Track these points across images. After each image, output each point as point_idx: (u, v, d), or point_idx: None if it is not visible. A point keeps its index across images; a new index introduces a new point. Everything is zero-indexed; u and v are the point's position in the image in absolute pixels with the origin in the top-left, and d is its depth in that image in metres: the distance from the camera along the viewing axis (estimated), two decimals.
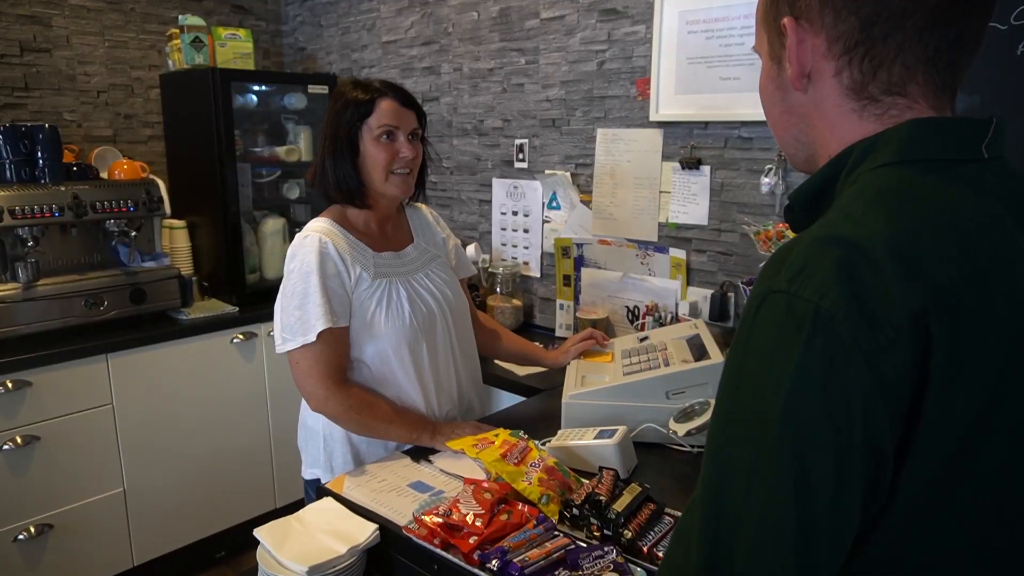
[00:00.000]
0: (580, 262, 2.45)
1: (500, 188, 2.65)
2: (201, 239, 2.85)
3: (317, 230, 1.49)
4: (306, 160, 2.95)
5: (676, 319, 2.17)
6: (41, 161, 2.41)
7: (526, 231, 2.60)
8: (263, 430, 2.73)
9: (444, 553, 1.11)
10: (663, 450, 1.46)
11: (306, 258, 1.46)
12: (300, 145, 3.00)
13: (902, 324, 0.53)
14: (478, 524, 1.11)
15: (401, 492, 1.32)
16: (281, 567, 1.15)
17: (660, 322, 2.19)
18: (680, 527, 0.61)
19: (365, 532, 1.20)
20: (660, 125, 2.15)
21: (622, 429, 1.37)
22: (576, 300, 2.48)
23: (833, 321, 0.53)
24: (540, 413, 1.71)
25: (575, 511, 1.16)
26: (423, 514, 1.16)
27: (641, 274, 2.29)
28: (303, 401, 1.56)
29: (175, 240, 2.80)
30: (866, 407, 0.53)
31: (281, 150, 2.96)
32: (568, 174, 2.42)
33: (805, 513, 0.53)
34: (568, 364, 1.75)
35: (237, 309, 2.68)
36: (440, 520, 1.13)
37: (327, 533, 1.20)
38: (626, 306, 2.33)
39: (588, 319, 2.32)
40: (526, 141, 2.53)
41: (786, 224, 0.78)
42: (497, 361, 2.07)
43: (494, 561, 1.03)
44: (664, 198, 2.19)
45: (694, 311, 2.12)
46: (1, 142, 2.35)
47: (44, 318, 2.30)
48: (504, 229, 2.66)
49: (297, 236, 1.52)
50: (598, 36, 2.27)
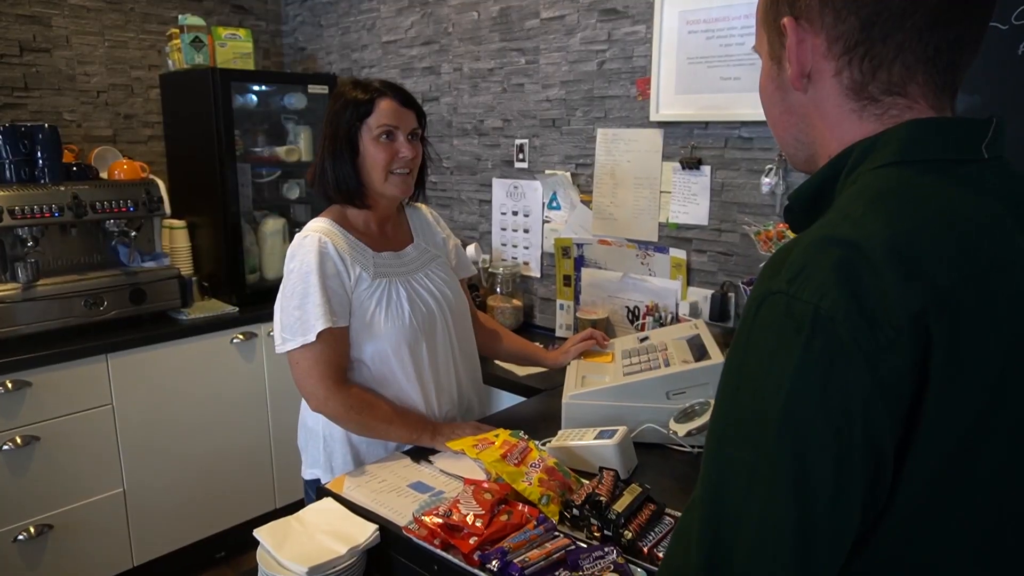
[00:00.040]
0: (580, 262, 2.45)
1: (500, 188, 2.65)
2: (201, 239, 2.85)
3: (317, 230, 1.49)
4: (306, 160, 2.95)
5: (676, 319, 2.17)
6: (41, 161, 2.41)
7: (526, 231, 2.59)
8: (263, 430, 2.73)
9: (444, 554, 1.11)
10: (663, 450, 1.46)
11: (306, 258, 1.46)
12: (300, 145, 3.00)
13: (902, 325, 0.53)
14: (478, 525, 1.11)
15: (401, 492, 1.32)
16: (281, 567, 1.15)
17: (660, 322, 2.19)
18: (679, 527, 0.61)
19: (365, 533, 1.20)
20: (660, 125, 2.15)
21: (622, 429, 1.37)
22: (576, 300, 2.47)
23: (832, 322, 0.53)
24: (540, 413, 1.71)
25: (575, 511, 1.16)
26: (423, 514, 1.16)
27: (641, 274, 2.29)
28: (303, 401, 1.56)
29: (175, 240, 2.80)
30: (866, 408, 0.53)
31: (281, 150, 2.96)
32: (568, 174, 2.42)
33: (805, 513, 0.53)
34: (568, 364, 1.75)
35: (237, 309, 2.68)
36: (440, 521, 1.13)
37: (327, 533, 1.20)
38: (626, 306, 2.33)
39: (588, 319, 2.32)
40: (526, 141, 2.53)
41: (786, 224, 0.78)
42: (497, 361, 2.07)
43: (494, 562, 1.03)
44: (664, 198, 2.18)
45: (694, 311, 2.12)
46: (1, 142, 2.35)
47: (44, 318, 2.29)
48: (504, 229, 2.66)
49: (297, 236, 1.52)
50: (598, 36, 2.27)
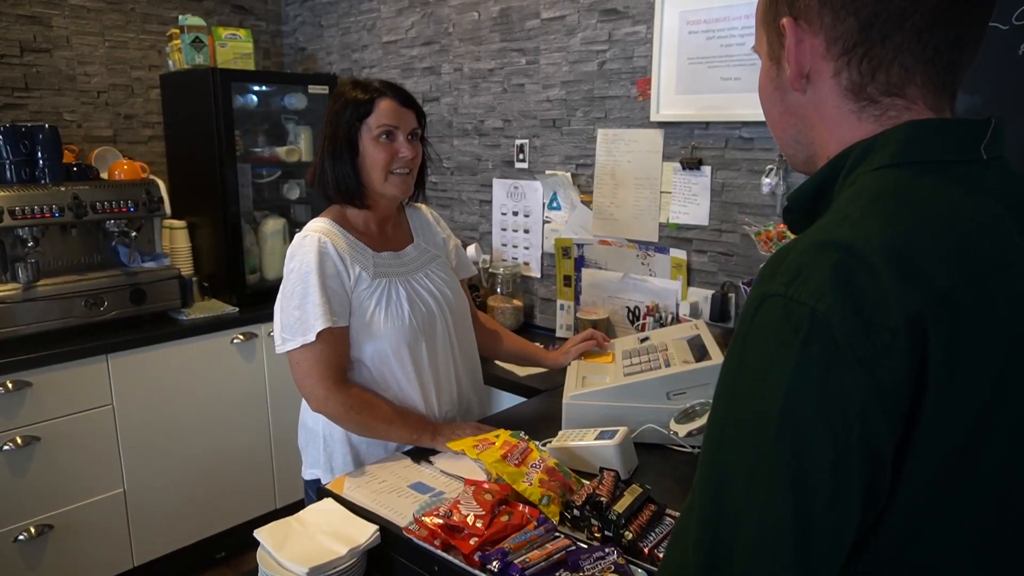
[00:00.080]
0: (580, 262, 2.44)
1: (500, 188, 2.64)
2: (201, 239, 2.85)
3: (316, 230, 1.49)
4: (306, 160, 2.95)
5: (677, 320, 2.17)
6: (41, 161, 2.41)
7: (526, 231, 2.59)
8: (263, 431, 2.73)
9: (445, 554, 1.10)
10: (664, 451, 1.46)
11: (305, 258, 1.46)
12: (300, 145, 3.00)
13: (899, 328, 0.53)
14: (479, 525, 1.11)
15: (401, 493, 1.32)
16: (281, 568, 1.15)
17: (661, 323, 2.19)
18: (677, 530, 0.61)
19: (365, 533, 1.20)
20: (661, 125, 2.15)
21: (623, 430, 1.37)
22: (576, 300, 2.47)
23: (829, 325, 0.53)
24: (541, 414, 1.71)
25: (576, 512, 1.16)
26: (423, 515, 1.16)
27: (642, 274, 2.29)
28: (303, 401, 1.56)
29: (175, 240, 2.80)
30: (863, 411, 0.53)
31: (281, 150, 2.96)
32: (568, 174, 2.42)
33: (803, 514, 0.53)
34: (568, 365, 1.75)
35: (237, 309, 2.68)
36: (441, 521, 1.13)
37: (327, 534, 1.20)
38: (627, 307, 2.33)
39: (588, 320, 2.32)
40: (526, 141, 2.53)
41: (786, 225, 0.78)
42: (497, 362, 2.07)
43: (495, 562, 1.03)
44: (665, 198, 2.18)
45: (695, 312, 2.12)
46: (1, 142, 2.35)
47: (44, 318, 2.29)
48: (504, 229, 2.66)
49: (296, 236, 1.52)
50: (599, 36, 2.27)
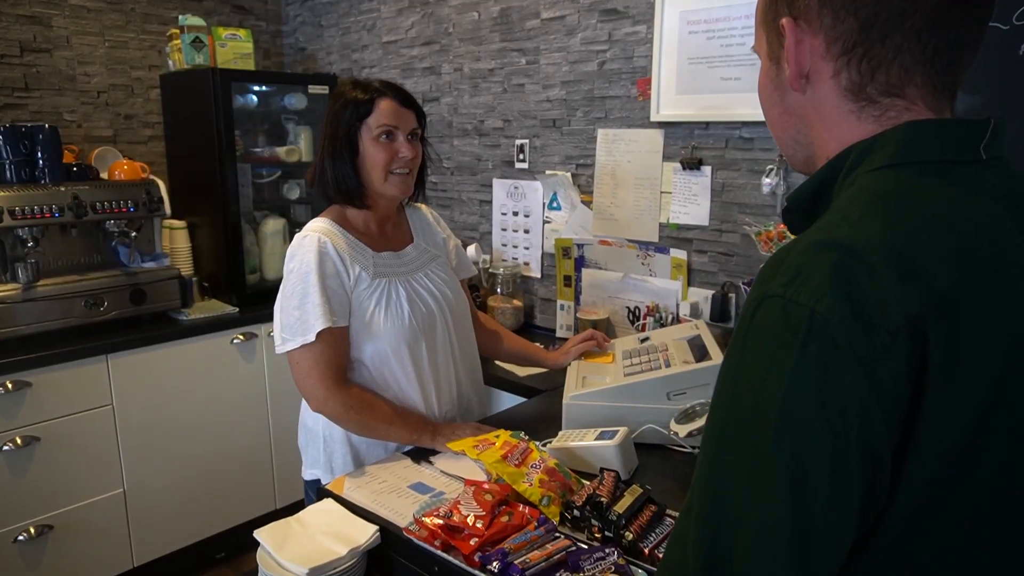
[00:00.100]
0: (581, 262, 2.44)
1: (500, 188, 2.64)
2: (201, 239, 2.85)
3: (316, 230, 1.49)
4: (306, 160, 2.95)
5: (677, 320, 2.17)
6: (41, 161, 2.41)
7: (527, 231, 2.59)
8: (263, 431, 2.73)
9: (445, 555, 1.10)
10: (664, 451, 1.46)
11: (305, 258, 1.45)
12: (300, 145, 3.00)
13: (898, 328, 0.53)
14: (479, 526, 1.10)
15: (401, 493, 1.31)
16: (281, 568, 1.15)
17: (661, 323, 2.19)
18: (676, 531, 0.61)
19: (365, 533, 1.19)
20: (661, 125, 2.15)
21: (623, 430, 1.37)
22: (577, 301, 2.47)
23: (828, 326, 0.53)
24: (541, 414, 1.71)
25: (576, 513, 1.16)
26: (424, 515, 1.16)
27: (642, 275, 2.29)
28: (303, 401, 1.56)
29: (175, 240, 2.80)
30: (862, 411, 0.53)
31: (281, 150, 2.96)
32: (569, 174, 2.42)
33: (803, 514, 0.53)
34: (569, 365, 1.74)
35: (237, 310, 2.68)
36: (441, 522, 1.13)
37: (327, 535, 1.20)
38: (627, 307, 2.33)
39: (589, 320, 2.32)
40: (527, 141, 2.53)
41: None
42: (498, 362, 2.07)
43: (495, 563, 1.03)
44: (665, 198, 2.18)
45: (695, 312, 2.11)
46: (1, 142, 2.34)
47: (44, 319, 2.29)
48: (504, 230, 2.66)
49: (296, 236, 1.51)
50: (599, 36, 2.27)
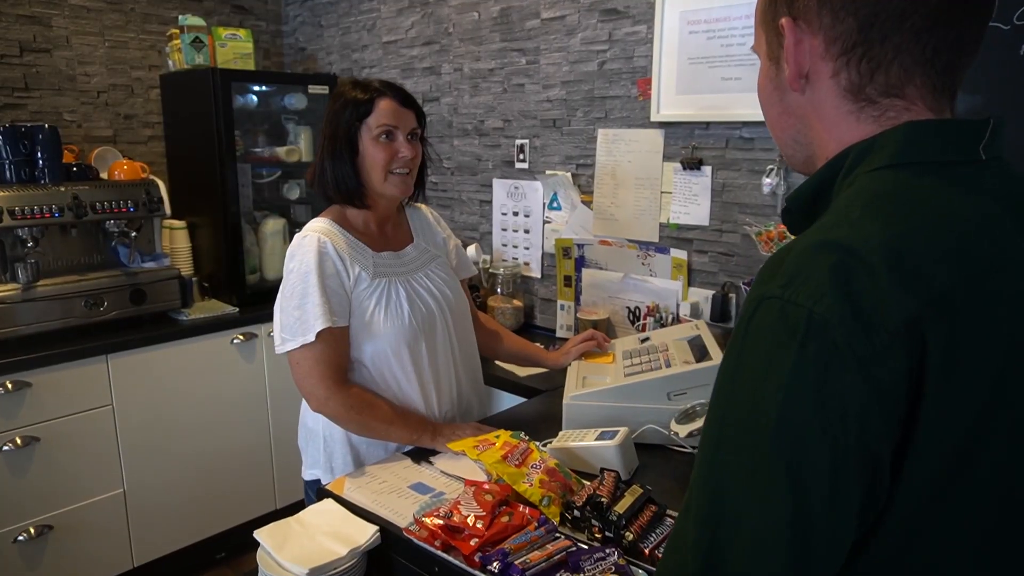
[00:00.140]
0: (581, 263, 2.44)
1: (501, 188, 2.64)
2: (201, 239, 2.85)
3: (316, 230, 1.49)
4: (306, 160, 2.95)
5: (677, 320, 2.16)
6: (41, 161, 2.41)
7: (527, 232, 2.59)
8: (263, 431, 2.73)
9: (445, 555, 1.10)
10: (665, 451, 1.46)
11: (305, 258, 1.45)
12: (300, 145, 3.00)
13: (897, 329, 0.52)
14: (479, 526, 1.10)
15: (402, 494, 1.31)
16: (281, 569, 1.15)
17: (661, 323, 2.18)
18: (675, 531, 0.61)
19: (366, 534, 1.19)
20: (661, 125, 2.15)
21: (623, 430, 1.37)
22: (577, 301, 2.47)
23: (827, 327, 0.52)
24: (541, 414, 1.71)
25: (576, 513, 1.16)
26: (424, 516, 1.16)
27: (642, 275, 2.29)
28: (303, 402, 1.55)
29: (175, 241, 2.80)
30: (861, 412, 0.52)
31: (281, 150, 2.95)
32: (569, 174, 2.42)
33: (801, 516, 0.53)
34: (569, 365, 1.74)
35: (237, 310, 2.68)
36: (441, 522, 1.13)
37: (327, 535, 1.20)
38: (627, 307, 2.33)
39: (589, 320, 2.32)
40: (527, 141, 2.53)
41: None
42: (498, 362, 2.07)
43: (495, 563, 1.03)
44: (665, 199, 2.18)
45: (695, 312, 2.11)
46: (1, 142, 2.34)
47: (44, 319, 2.29)
48: (505, 230, 2.66)
49: (296, 236, 1.51)
50: (599, 36, 2.27)
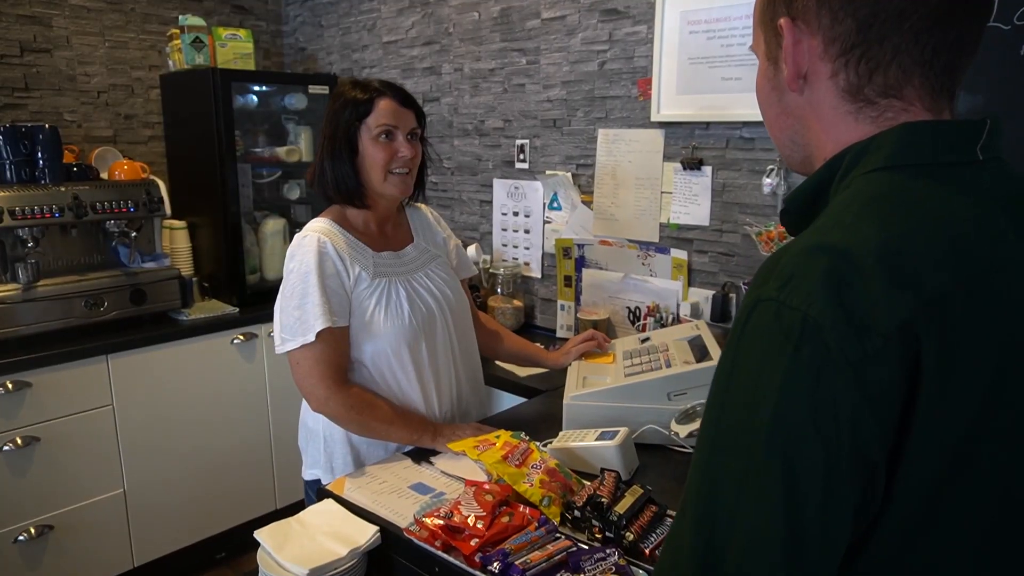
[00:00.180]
0: (581, 263, 2.44)
1: (501, 188, 2.64)
2: (201, 240, 2.85)
3: (316, 230, 1.49)
4: (307, 160, 2.95)
5: (677, 320, 2.16)
6: (41, 162, 2.41)
7: (527, 232, 2.59)
8: (263, 431, 2.73)
9: (445, 555, 1.10)
10: (665, 452, 1.45)
11: (305, 258, 1.45)
12: (300, 145, 3.00)
13: (890, 333, 0.52)
14: (479, 526, 1.10)
15: (402, 494, 1.31)
16: (282, 569, 1.15)
17: (661, 323, 2.18)
18: (671, 533, 0.61)
19: (366, 534, 1.19)
20: (661, 125, 2.15)
21: (624, 430, 1.37)
22: (577, 301, 2.47)
23: (820, 330, 0.52)
24: (541, 414, 1.71)
25: (577, 513, 1.16)
26: (424, 516, 1.16)
27: (642, 275, 2.29)
28: (303, 402, 1.55)
29: (175, 241, 2.80)
30: (854, 416, 0.52)
31: (281, 150, 2.95)
32: (569, 174, 2.42)
33: (795, 519, 0.53)
34: (569, 365, 1.74)
35: (237, 310, 2.68)
36: (441, 522, 1.13)
37: (328, 535, 1.20)
38: (627, 307, 2.33)
39: (589, 320, 2.32)
40: (527, 141, 2.53)
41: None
42: (498, 362, 2.07)
43: (496, 563, 1.03)
44: (665, 199, 2.18)
45: (695, 312, 2.11)
46: (1, 142, 2.34)
47: (44, 319, 2.29)
48: (505, 230, 2.66)
49: (296, 236, 1.51)
50: (599, 36, 2.27)
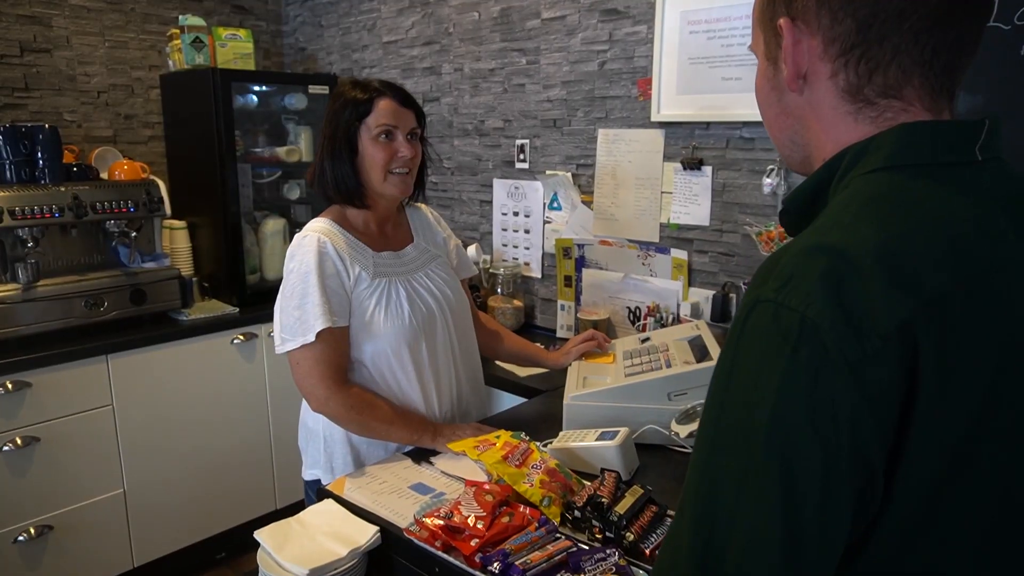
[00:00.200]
0: (581, 263, 2.44)
1: (501, 188, 2.64)
2: (201, 240, 2.85)
3: (316, 230, 1.49)
4: (306, 160, 2.95)
5: (678, 320, 2.16)
6: (41, 162, 2.41)
7: (527, 232, 2.59)
8: (263, 431, 2.73)
9: (445, 556, 1.10)
10: (665, 452, 1.45)
11: (305, 258, 1.45)
12: (300, 145, 3.00)
13: (889, 333, 0.52)
14: (479, 526, 1.10)
15: (402, 494, 1.31)
16: (282, 569, 1.15)
17: (662, 323, 2.18)
18: (670, 533, 0.62)
19: (366, 534, 1.19)
20: (661, 125, 2.15)
21: (624, 431, 1.37)
22: (577, 301, 2.47)
23: (818, 331, 0.52)
24: (541, 414, 1.71)
25: (577, 513, 1.16)
26: (424, 516, 1.15)
27: (642, 275, 2.29)
28: (304, 402, 1.55)
29: (175, 241, 2.80)
30: (853, 417, 0.52)
31: (281, 150, 2.95)
32: (569, 174, 2.42)
33: (793, 520, 0.53)
34: (569, 365, 1.74)
35: (237, 310, 2.68)
36: (441, 522, 1.13)
37: (328, 535, 1.20)
38: (627, 307, 2.33)
39: (589, 320, 2.32)
40: (527, 141, 2.53)
41: None
42: (498, 362, 2.07)
43: (496, 564, 1.03)
44: (666, 199, 2.18)
45: (696, 312, 2.11)
46: (1, 142, 2.34)
47: (44, 319, 2.29)
48: (505, 230, 2.66)
49: (296, 236, 1.51)
50: (599, 36, 2.27)
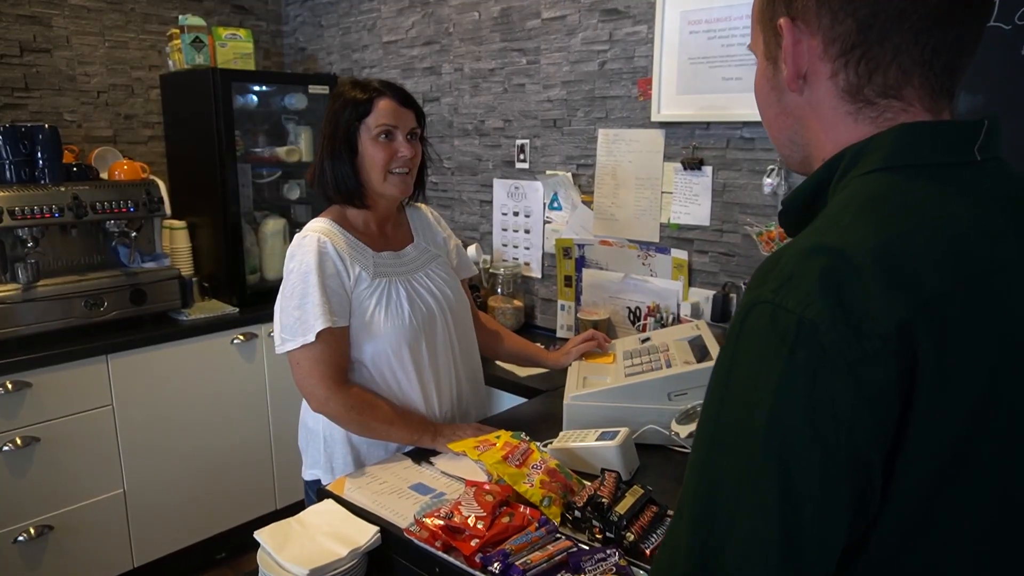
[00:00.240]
0: (581, 263, 2.44)
1: (501, 188, 2.64)
2: (201, 240, 2.85)
3: (316, 230, 1.49)
4: (307, 160, 2.95)
5: (678, 320, 2.16)
6: (41, 162, 2.41)
7: (527, 232, 2.59)
8: (263, 431, 2.73)
9: (446, 556, 1.10)
10: (665, 452, 1.45)
11: (305, 258, 1.45)
12: (300, 145, 3.00)
13: (888, 334, 0.52)
14: (480, 527, 1.10)
15: (402, 494, 1.31)
16: (282, 569, 1.15)
17: (662, 323, 2.18)
18: (669, 531, 0.62)
19: (366, 534, 1.19)
20: (662, 125, 2.14)
21: (624, 431, 1.37)
22: (577, 301, 2.47)
23: (816, 332, 0.52)
24: (541, 414, 1.71)
25: (577, 513, 1.16)
26: (424, 516, 1.15)
27: (643, 275, 2.28)
28: (304, 402, 1.55)
29: (175, 241, 2.80)
30: (851, 416, 0.52)
31: (281, 150, 2.95)
32: (569, 174, 2.42)
33: (791, 520, 0.53)
34: (569, 365, 1.74)
35: (237, 310, 2.68)
36: (441, 522, 1.12)
37: (328, 535, 1.20)
38: (627, 307, 2.33)
39: (589, 320, 2.32)
40: (527, 141, 2.53)
41: None
42: (498, 362, 2.07)
43: (496, 564, 1.03)
44: (666, 199, 2.18)
45: (696, 312, 2.11)
46: (1, 142, 2.34)
47: (44, 319, 2.29)
48: (505, 230, 2.66)
49: (296, 236, 1.51)
50: (599, 36, 2.27)
